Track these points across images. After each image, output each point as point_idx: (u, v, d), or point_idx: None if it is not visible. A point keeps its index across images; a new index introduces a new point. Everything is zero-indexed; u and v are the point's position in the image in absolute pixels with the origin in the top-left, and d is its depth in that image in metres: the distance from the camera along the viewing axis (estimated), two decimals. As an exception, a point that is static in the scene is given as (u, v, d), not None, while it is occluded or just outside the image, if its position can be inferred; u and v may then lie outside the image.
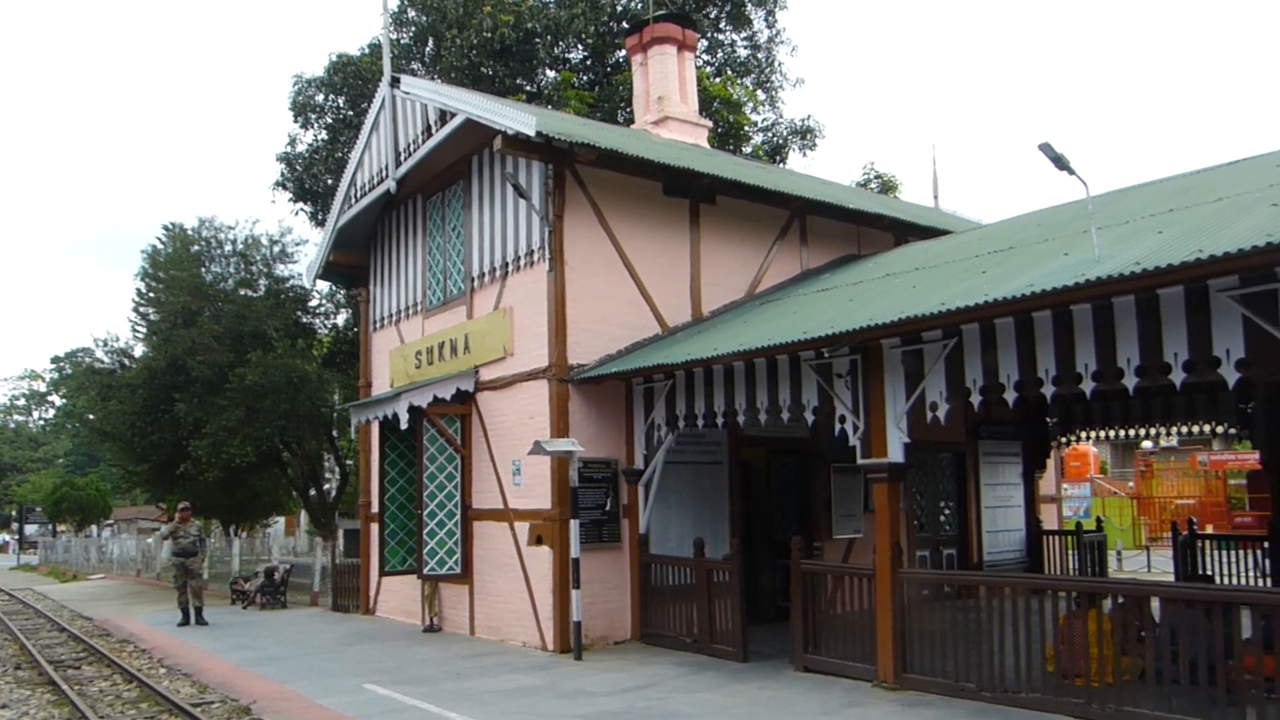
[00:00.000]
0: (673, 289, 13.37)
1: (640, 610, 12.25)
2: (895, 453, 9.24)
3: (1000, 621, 8.55)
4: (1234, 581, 15.11)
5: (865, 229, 15.76)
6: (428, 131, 14.16)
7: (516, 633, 12.63)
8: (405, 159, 14.82)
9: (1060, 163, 7.49)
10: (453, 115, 13.36)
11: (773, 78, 27.74)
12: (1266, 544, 14.38)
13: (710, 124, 19.39)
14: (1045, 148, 7.48)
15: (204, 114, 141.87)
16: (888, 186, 27.32)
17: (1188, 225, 7.83)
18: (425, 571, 13.37)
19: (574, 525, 11.47)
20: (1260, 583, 14.55)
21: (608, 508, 12.32)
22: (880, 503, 9.49)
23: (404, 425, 13.09)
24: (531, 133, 11.51)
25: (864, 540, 14.48)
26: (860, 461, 9.55)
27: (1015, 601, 8.57)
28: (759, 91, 27.24)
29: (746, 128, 25.56)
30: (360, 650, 12.73)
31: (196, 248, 27.13)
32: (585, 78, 26.30)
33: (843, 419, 9.69)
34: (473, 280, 14.11)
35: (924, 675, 8.97)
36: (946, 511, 16.18)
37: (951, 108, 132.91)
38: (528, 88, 24.61)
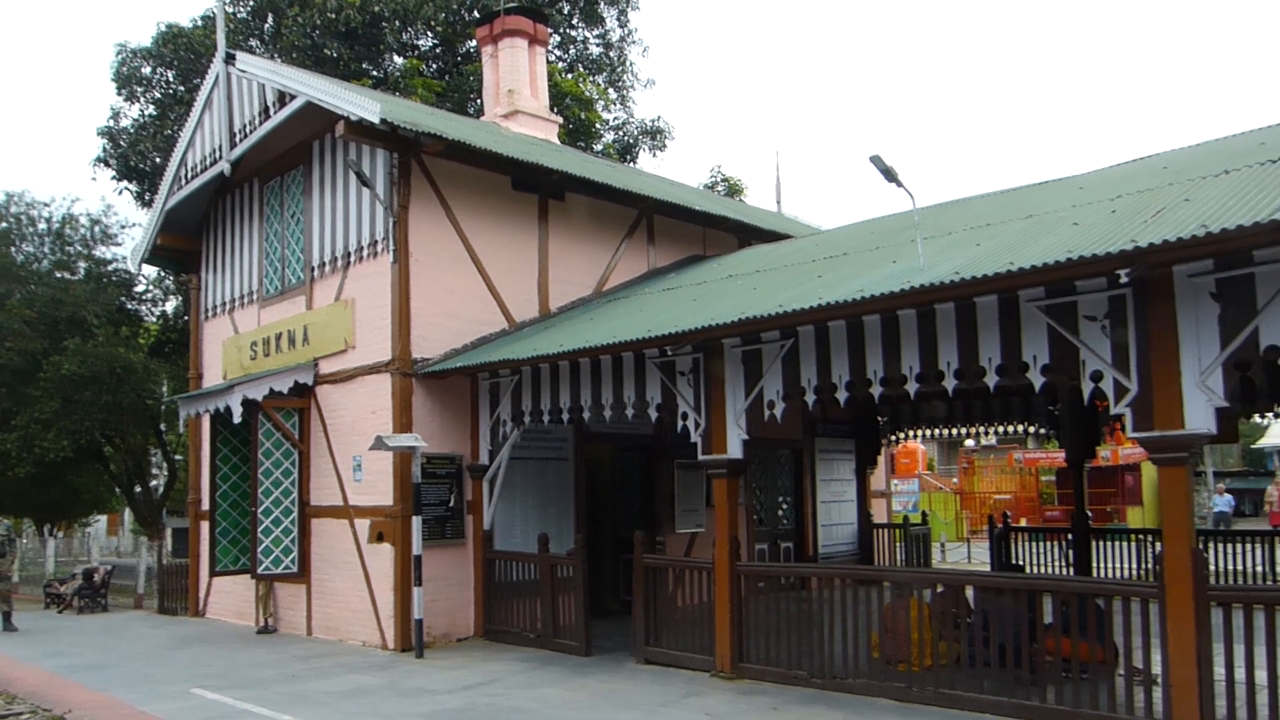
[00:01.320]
0: (520, 285, 13.32)
1: (484, 607, 12.16)
2: (735, 449, 9.51)
3: (831, 611, 8.92)
4: (1042, 570, 16.26)
5: (711, 230, 16.13)
6: (266, 113, 13.60)
7: (356, 632, 12.32)
8: (241, 140, 14.19)
9: (890, 175, 7.89)
10: (293, 97, 12.89)
11: (624, 77, 28.00)
12: (1071, 535, 15.51)
13: (561, 120, 19.40)
14: (876, 160, 7.87)
15: (10, 77, 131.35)
16: (734, 190, 28.02)
17: (1002, 239, 8.39)
18: (260, 571, 12.86)
19: (416, 522, 11.28)
20: (1065, 571, 15.70)
21: (451, 504, 12.17)
22: (720, 498, 9.76)
23: (237, 419, 12.55)
24: (376, 119, 11.23)
25: (706, 535, 14.81)
26: (701, 458, 9.78)
27: (844, 592, 8.97)
28: (610, 90, 27.44)
29: (597, 125, 25.70)
30: (188, 654, 12.13)
31: (4, 224, 25.13)
32: (434, 66, 25.83)
33: (685, 416, 9.90)
34: (313, 270, 13.65)
35: (759, 664, 9.27)
36: (784, 506, 16.75)
37: (795, 116, 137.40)
38: (374, 73, 23.96)
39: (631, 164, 26.23)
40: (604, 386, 10.66)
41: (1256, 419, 17.60)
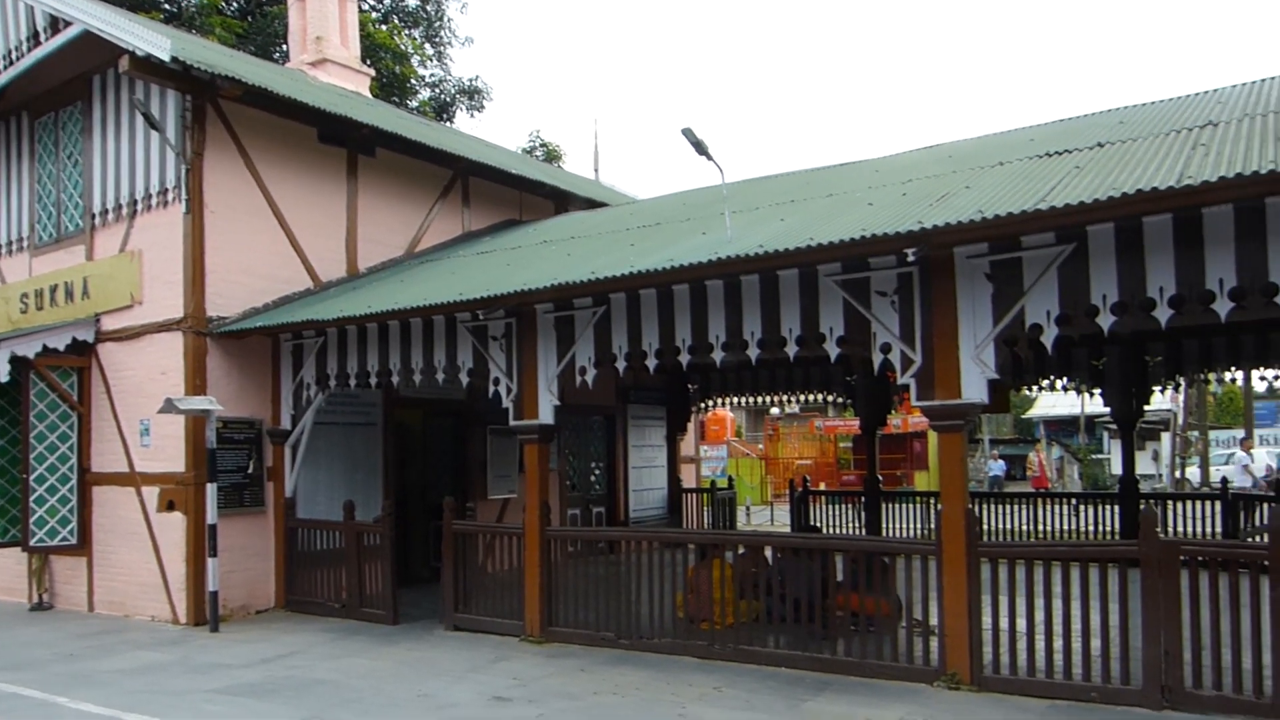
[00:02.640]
0: (327, 242, 12.78)
1: (286, 577, 11.71)
2: (546, 415, 9.53)
3: (639, 574, 9.13)
4: (837, 531, 17.23)
5: (528, 195, 15.99)
6: (35, 38, 12.31)
7: (144, 607, 11.60)
8: (6, 68, 12.84)
9: (700, 148, 8.06)
10: (68, 24, 11.73)
11: (442, 33, 27.22)
12: (864, 498, 16.50)
13: (373, 73, 18.65)
14: (688, 133, 8.01)
15: None
16: (552, 155, 27.86)
17: (804, 216, 8.75)
18: (33, 543, 11.86)
19: (211, 489, 10.70)
20: (858, 532, 16.69)
21: (250, 470, 11.61)
22: (531, 463, 9.77)
23: (4, 378, 11.47)
24: (166, 57, 10.41)
25: (518, 500, 14.76)
26: (513, 423, 9.75)
27: (652, 555, 9.20)
28: (427, 45, 26.62)
29: (413, 81, 24.91)
30: (-57, 636, 11.08)
31: None
32: (234, 5, 24.24)
33: (497, 381, 9.82)
34: (94, 217, 12.59)
35: (569, 628, 9.38)
36: (597, 472, 16.95)
37: (614, 85, 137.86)
38: (166, 6, 22.23)
39: (448, 123, 25.59)
40: (414, 350, 10.42)
41: (1026, 392, 19.18)
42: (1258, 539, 11.27)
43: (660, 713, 6.99)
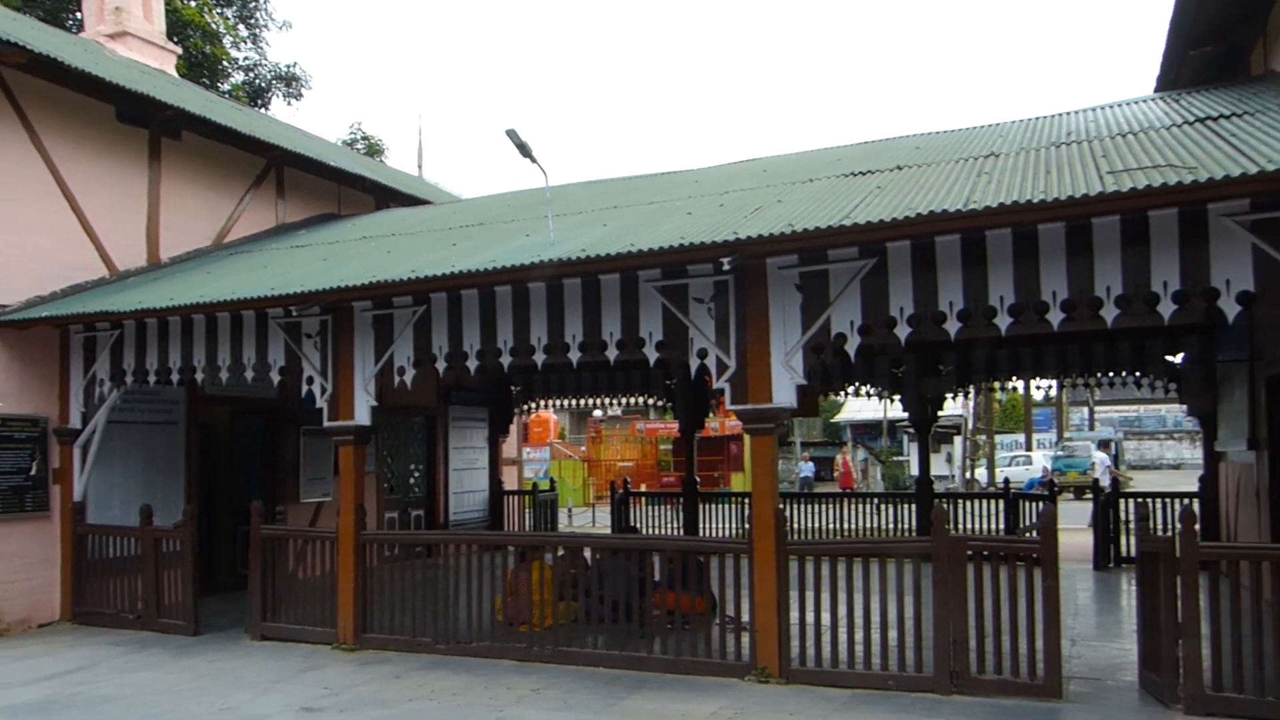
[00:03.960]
0: (125, 229, 11.96)
1: (74, 587, 10.85)
2: (362, 415, 9.28)
3: (457, 578, 9.02)
4: (657, 532, 17.56)
5: (347, 189, 15.51)
6: None
7: (-102, 625, 10.50)
8: None
9: (524, 150, 8.07)
10: None
11: (257, 14, 25.94)
12: (683, 499, 16.87)
13: (180, 51, 17.62)
14: (512, 134, 8.01)
15: None
16: (374, 149, 27.11)
17: (627, 221, 8.91)
18: None
19: (-17, 495, 9.82)
20: (676, 533, 17.05)
21: (33, 472, 10.72)
22: (346, 465, 9.48)
23: None
24: (-64, 20, 9.50)
25: (333, 504, 14.30)
26: (328, 424, 9.44)
27: (470, 558, 9.11)
28: (241, 26, 25.33)
29: (225, 63, 23.65)
30: None
31: None
32: (21, -35, 22.29)
33: (310, 380, 9.49)
34: None
35: (384, 634, 9.15)
36: (416, 474, 16.61)
37: (440, 82, 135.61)
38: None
39: (263, 110, 24.45)
40: (220, 346, 9.91)
41: (835, 397, 20.18)
42: (1032, 534, 12.29)
43: (477, 716, 6.93)
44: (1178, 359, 13.48)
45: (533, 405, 18.56)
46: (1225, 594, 6.44)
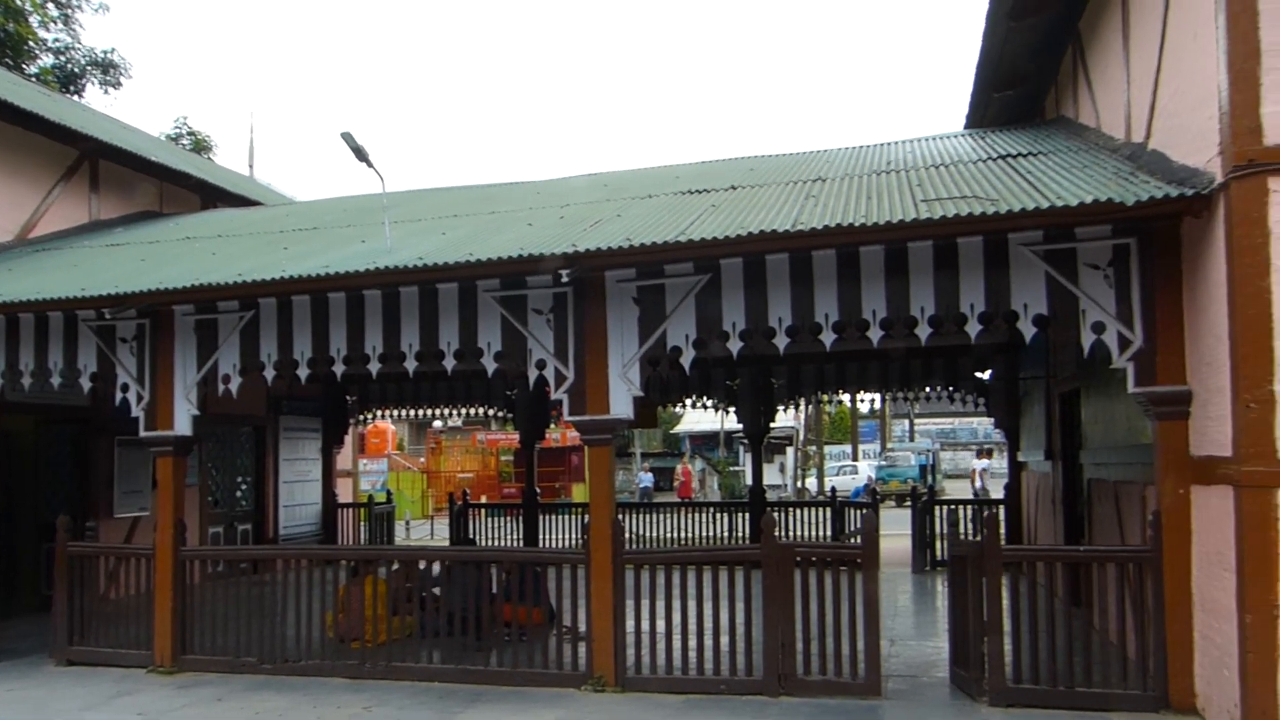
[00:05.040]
0: (-86, 222, 10.99)
1: None
2: (183, 426, 8.84)
3: (286, 594, 8.69)
4: (497, 544, 17.41)
5: (170, 186, 14.73)
6: None
7: None
8: None
9: (360, 154, 7.91)
10: None
11: (69, -8, 24.28)
12: (523, 511, 16.80)
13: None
14: (347, 137, 7.84)
15: None
16: (201, 146, 25.79)
17: (466, 231, 8.87)
18: None
19: None
20: (517, 544, 16.96)
21: None
22: (164, 478, 9.01)
23: None
24: None
25: (151, 518, 13.50)
26: (144, 434, 8.95)
27: (299, 574, 8.80)
28: (50, 5, 23.61)
29: (31, 43, 21.99)
30: None
31: None
32: None
33: (125, 388, 8.97)
34: None
35: (205, 655, 8.72)
36: (244, 487, 15.88)
37: (274, 79, 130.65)
38: None
39: (76, 97, 22.89)
40: (24, 350, 9.22)
41: (675, 408, 20.57)
42: (855, 540, 12.90)
43: (302, 737, 6.71)
44: (986, 376, 14.50)
45: (369, 415, 18.09)
46: (1026, 593, 6.96)
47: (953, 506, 13.85)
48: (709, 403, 16.22)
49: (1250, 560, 5.50)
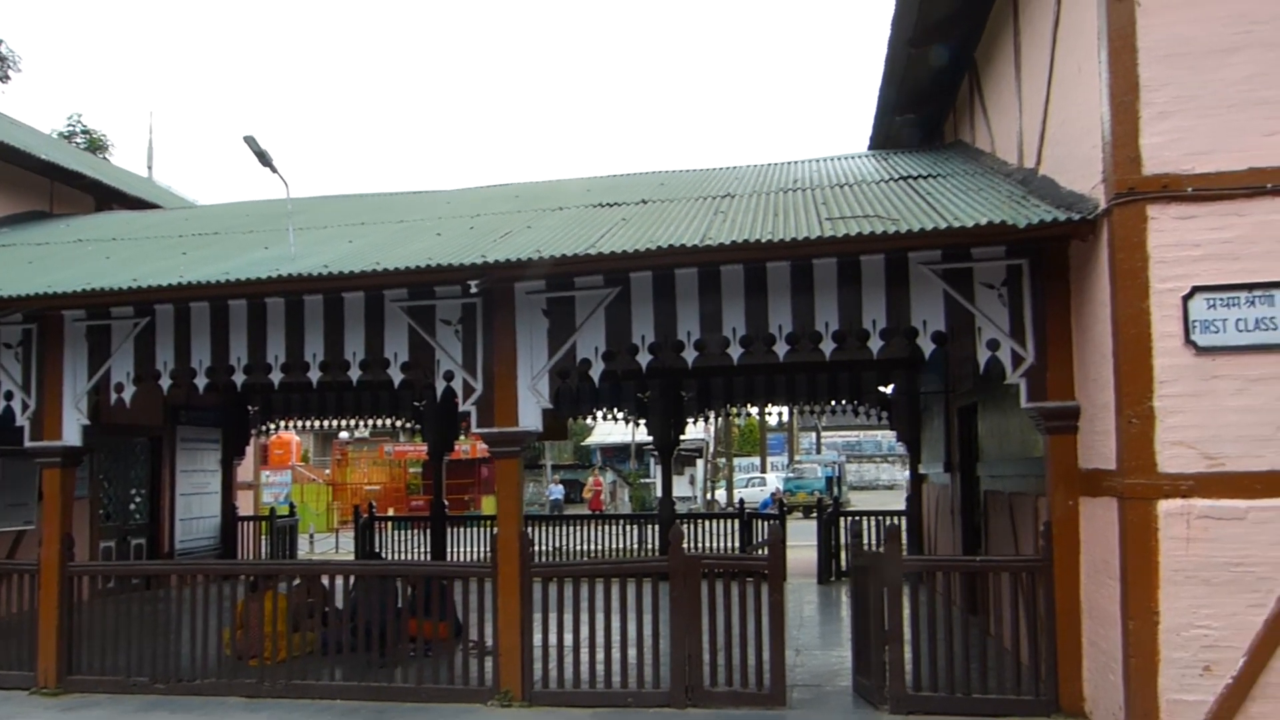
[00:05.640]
0: None
1: None
2: (71, 435, 8.50)
3: (181, 610, 8.41)
4: (404, 558, 17.11)
5: (62, 186, 14.16)
6: None
7: None
8: None
9: (264, 159, 7.74)
10: None
11: (-50, -20, 23.18)
12: (431, 523, 16.55)
13: None
14: (250, 141, 7.66)
15: None
16: (96, 145, 24.83)
17: (374, 239, 8.75)
18: None
19: None
20: (424, 558, 16.69)
21: None
22: (51, 490, 8.65)
23: None
24: None
25: (36, 532, 12.90)
26: (29, 445, 8.57)
27: (195, 590, 8.51)
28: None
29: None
30: None
31: None
32: None
33: (10, 396, 8.60)
34: None
35: (94, 675, 8.37)
36: (138, 499, 15.29)
37: (176, 80, 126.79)
38: None
39: (-42, 90, 21.86)
40: (-105, 356, 8.74)
41: (587, 420, 20.58)
42: (762, 552, 13.07)
43: (194, 759, 6.48)
44: (889, 390, 14.88)
45: (273, 426, 17.63)
46: (925, 602, 7.15)
47: (856, 517, 14.14)
48: (619, 415, 16.27)
49: (1133, 569, 5.74)
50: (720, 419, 19.32)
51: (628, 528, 18.35)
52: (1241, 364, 5.65)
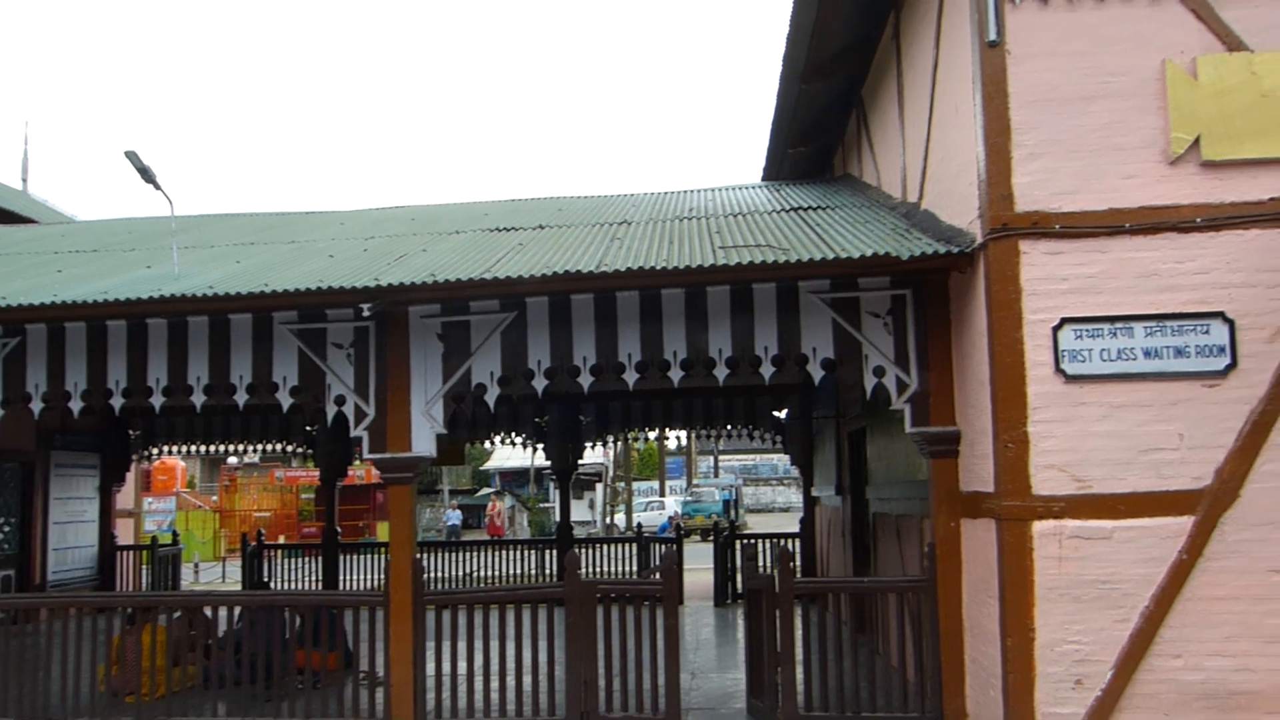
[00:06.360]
0: None
1: None
2: (-69, 464, 8.01)
3: (52, 645, 7.98)
4: (295, 586, 16.59)
5: (-72, 199, 13.45)
6: None
7: None
8: None
9: (146, 175, 7.51)
10: None
11: None
12: (322, 551, 16.10)
13: None
14: (132, 156, 7.42)
15: None
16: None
17: (263, 259, 8.54)
18: None
19: None
20: (315, 586, 16.22)
21: None
22: (-93, 523, 8.12)
23: None
24: None
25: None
26: (-117, 474, 8.05)
27: (69, 623, 8.09)
28: None
29: None
30: None
31: None
32: None
33: None
34: None
35: (-52, 718, 7.87)
36: (6, 529, 14.49)
37: (53, 91, 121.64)
38: None
39: None
40: None
41: (486, 445, 20.38)
42: (657, 576, 13.14)
43: (60, 805, 6.15)
44: (783, 414, 15.19)
45: (156, 451, 16.90)
46: (817, 623, 7.29)
47: (750, 540, 14.34)
48: (517, 439, 16.17)
49: (1010, 587, 5.98)
50: (619, 443, 19.40)
51: (527, 553, 18.20)
52: (1105, 391, 5.98)
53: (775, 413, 15.17)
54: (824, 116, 10.76)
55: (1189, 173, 6.04)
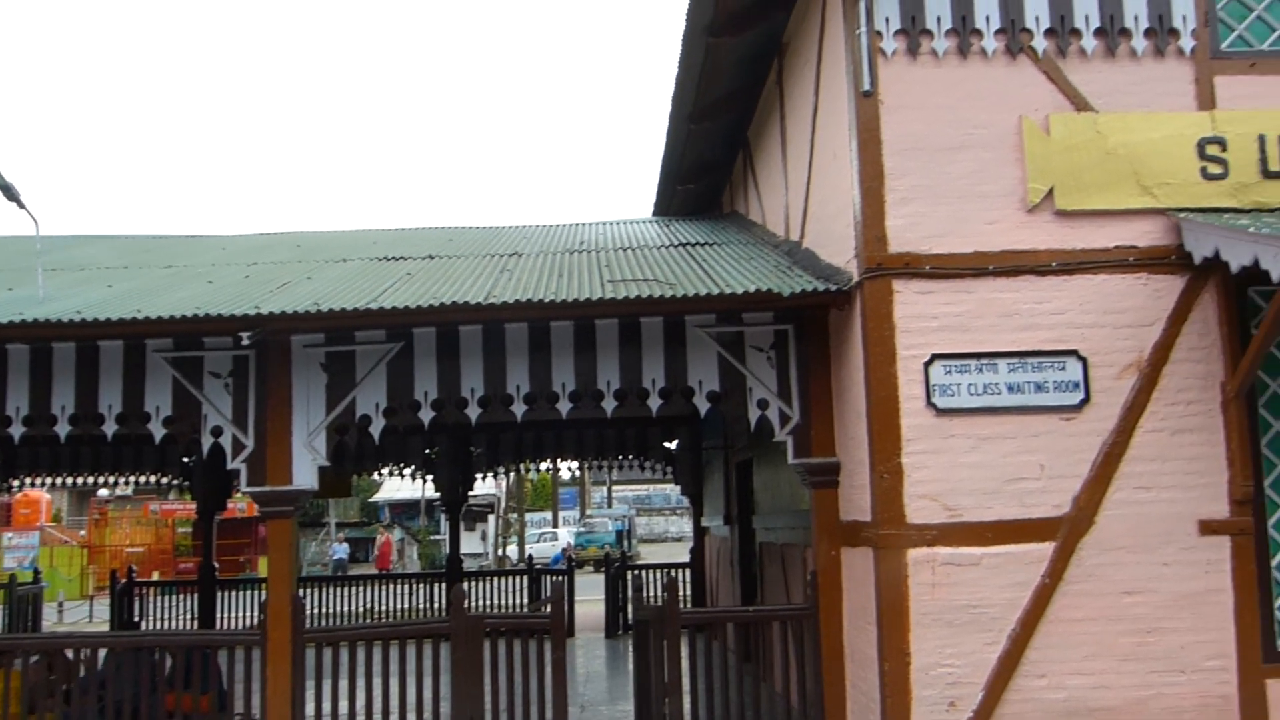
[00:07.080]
0: None
1: None
2: None
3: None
4: (169, 625, 15.86)
5: None
6: None
7: None
8: None
9: (9, 192, 7.18)
10: None
11: None
12: (199, 588, 15.46)
13: None
14: (-10, 172, 7.09)
15: None
16: None
17: (138, 284, 8.24)
18: None
19: None
20: (191, 624, 15.54)
21: None
22: None
23: None
24: None
25: None
26: None
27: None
28: None
29: None
30: None
31: None
32: None
33: None
34: None
35: None
36: None
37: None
38: None
39: None
40: None
41: (375, 476, 19.96)
42: (545, 609, 13.07)
43: None
44: (673, 445, 15.36)
45: (17, 483, 15.97)
46: (704, 651, 7.37)
47: (639, 571, 14.40)
48: (406, 471, 15.90)
49: (887, 613, 6.17)
50: (511, 474, 19.26)
51: (416, 586, 17.87)
52: (973, 424, 6.27)
53: (666, 444, 15.33)
54: (712, 155, 11.02)
55: (1045, 220, 6.44)
